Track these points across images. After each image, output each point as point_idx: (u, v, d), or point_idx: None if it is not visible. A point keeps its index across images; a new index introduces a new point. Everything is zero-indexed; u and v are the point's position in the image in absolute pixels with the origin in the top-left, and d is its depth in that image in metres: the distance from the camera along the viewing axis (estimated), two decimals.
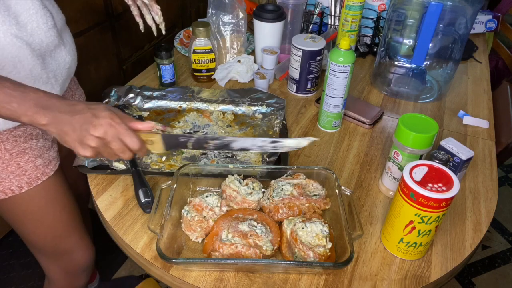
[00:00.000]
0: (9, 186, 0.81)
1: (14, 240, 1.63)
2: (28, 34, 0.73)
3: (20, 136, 0.80)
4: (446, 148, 0.81)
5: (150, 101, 1.04)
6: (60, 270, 1.03)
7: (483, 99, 1.17)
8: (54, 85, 0.81)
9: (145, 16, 0.98)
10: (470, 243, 0.75)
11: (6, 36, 0.69)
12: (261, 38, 1.19)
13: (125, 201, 0.79)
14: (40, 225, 0.90)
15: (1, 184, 0.81)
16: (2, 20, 0.68)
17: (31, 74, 0.75)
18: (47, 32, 0.76)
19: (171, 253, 0.68)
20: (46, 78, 0.78)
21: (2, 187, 0.81)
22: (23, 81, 0.72)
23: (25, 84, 0.60)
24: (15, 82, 0.60)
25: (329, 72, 0.92)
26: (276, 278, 0.67)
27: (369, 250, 0.73)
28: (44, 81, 0.78)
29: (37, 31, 0.74)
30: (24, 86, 0.60)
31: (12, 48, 0.70)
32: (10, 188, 0.82)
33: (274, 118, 1.01)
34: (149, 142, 0.67)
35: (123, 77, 1.65)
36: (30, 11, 0.73)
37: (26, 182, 0.83)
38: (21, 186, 0.82)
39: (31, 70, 0.74)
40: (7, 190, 0.82)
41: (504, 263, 1.70)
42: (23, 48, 0.72)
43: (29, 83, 0.73)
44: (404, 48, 1.15)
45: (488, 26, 1.55)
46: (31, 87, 0.60)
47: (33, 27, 0.74)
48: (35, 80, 0.76)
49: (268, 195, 0.76)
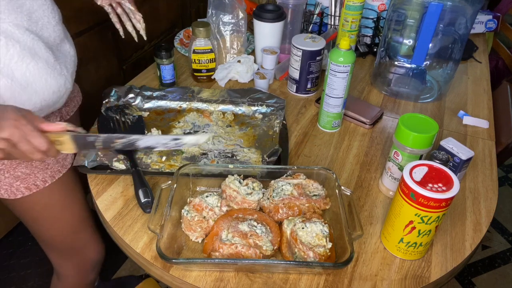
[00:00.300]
0: (34, 181, 0.83)
1: (14, 240, 1.64)
2: (39, 28, 0.76)
3: None
4: (446, 148, 0.81)
5: (150, 101, 1.04)
6: (72, 266, 1.04)
7: (483, 99, 1.17)
8: (67, 76, 0.83)
9: (125, 23, 1.01)
10: (470, 243, 0.75)
11: (20, 29, 0.71)
12: (261, 38, 1.19)
13: (125, 201, 0.79)
14: (58, 220, 0.92)
15: (26, 180, 0.82)
16: (14, 16, 0.70)
17: (47, 65, 0.76)
18: (55, 27, 0.79)
19: (171, 253, 0.68)
20: (60, 69, 0.80)
21: (27, 183, 0.82)
22: (42, 71, 0.75)
23: None
24: None
25: (329, 72, 0.92)
26: (276, 278, 0.67)
27: (369, 250, 0.73)
28: (59, 72, 0.80)
29: (47, 26, 0.77)
30: None
31: (27, 40, 0.72)
32: (35, 183, 0.83)
33: (274, 118, 1.01)
34: (57, 143, 0.66)
35: (123, 77, 1.65)
36: (43, 7, 0.76)
37: (50, 176, 0.85)
38: (45, 180, 0.85)
39: (47, 61, 0.76)
40: (32, 186, 0.83)
41: (504, 263, 1.70)
42: (36, 40, 0.74)
43: (46, 75, 0.76)
44: (404, 48, 1.15)
45: (488, 26, 1.55)
46: None
47: (44, 22, 0.76)
48: (52, 70, 0.77)
49: (268, 195, 0.76)
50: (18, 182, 0.82)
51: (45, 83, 0.76)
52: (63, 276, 1.07)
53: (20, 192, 0.83)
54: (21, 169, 0.82)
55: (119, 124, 0.95)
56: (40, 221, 0.92)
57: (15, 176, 0.82)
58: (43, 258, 1.55)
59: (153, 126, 0.96)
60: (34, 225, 0.93)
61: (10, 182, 0.82)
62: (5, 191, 0.83)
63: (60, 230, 0.94)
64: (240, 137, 0.96)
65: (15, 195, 0.83)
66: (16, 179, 0.82)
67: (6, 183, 0.82)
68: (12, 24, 0.70)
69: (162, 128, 0.97)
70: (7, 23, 0.69)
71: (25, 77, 0.73)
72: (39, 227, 0.93)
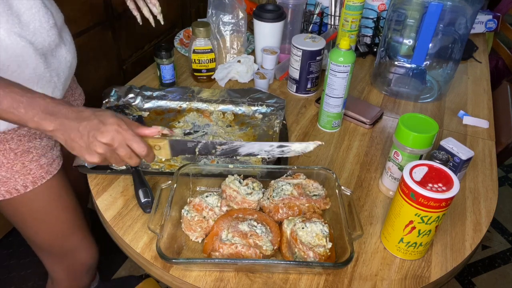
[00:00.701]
0: (14, 185, 0.82)
1: (14, 240, 1.63)
2: (31, 33, 0.73)
3: (25, 136, 0.80)
4: (446, 148, 0.81)
5: (150, 101, 1.04)
6: (64, 270, 1.03)
7: (483, 99, 1.17)
8: (57, 83, 0.81)
9: (142, 9, 0.98)
10: (470, 243, 0.75)
11: (10, 35, 0.69)
12: (261, 38, 1.19)
13: (125, 201, 0.79)
14: (44, 224, 0.91)
15: (6, 184, 0.81)
16: (5, 19, 0.68)
17: (35, 73, 0.75)
18: (49, 31, 0.76)
19: (171, 253, 0.68)
20: (49, 77, 0.78)
21: (8, 187, 0.81)
22: (27, 80, 0.73)
23: (33, 90, 0.61)
24: (24, 88, 0.60)
25: (329, 72, 0.92)
26: (276, 278, 0.67)
27: (369, 250, 0.73)
28: (47, 80, 0.78)
29: (40, 30, 0.74)
30: (32, 92, 0.60)
31: (16, 47, 0.71)
32: (15, 188, 0.82)
33: (274, 118, 1.01)
34: (156, 147, 0.67)
35: (123, 77, 1.65)
36: (32, 10, 0.73)
37: (31, 181, 0.83)
38: (26, 185, 0.83)
39: (35, 69, 0.74)
40: (12, 190, 0.82)
41: (504, 263, 1.70)
42: (27, 47, 0.72)
43: (33, 82, 0.74)
44: (404, 48, 1.15)
45: (488, 26, 1.55)
46: (39, 93, 0.60)
47: (35, 26, 0.74)
48: (39, 79, 0.76)
49: (268, 195, 0.76)
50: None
51: None
52: (56, 280, 1.06)
53: (1, 195, 0.82)
54: (1, 173, 0.79)
55: None
56: (27, 224, 0.90)
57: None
58: None
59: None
60: (23, 227, 0.92)
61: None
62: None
63: (48, 234, 0.93)
64: (240, 137, 0.96)
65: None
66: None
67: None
68: (3, 30, 0.68)
69: None
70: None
71: None
72: (27, 230, 0.92)
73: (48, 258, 1.02)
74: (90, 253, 1.03)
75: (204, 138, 0.94)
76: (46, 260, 1.02)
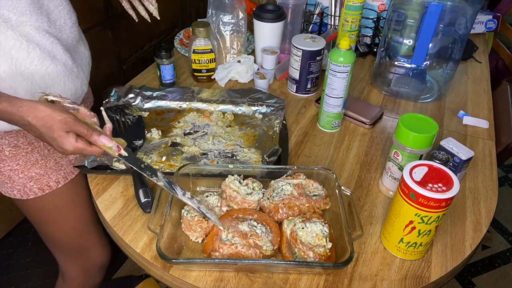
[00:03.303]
0: (47, 182, 0.84)
1: (14, 240, 1.63)
2: (57, 30, 0.76)
3: None
4: (446, 148, 0.81)
5: (150, 101, 1.04)
6: (78, 268, 1.04)
7: (483, 99, 1.17)
8: (83, 78, 0.83)
9: (138, 8, 0.99)
10: (470, 243, 0.75)
11: (40, 32, 0.72)
12: (261, 38, 1.19)
13: (125, 201, 0.79)
14: (66, 221, 0.92)
15: (39, 181, 0.83)
16: (36, 18, 0.71)
17: (65, 68, 0.77)
18: (71, 28, 0.79)
19: (171, 253, 0.68)
20: (77, 72, 0.81)
21: (40, 184, 0.83)
22: (60, 74, 0.76)
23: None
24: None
25: (329, 72, 0.92)
26: (276, 278, 0.67)
27: (369, 250, 0.73)
28: (76, 75, 0.80)
29: (64, 27, 0.77)
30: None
31: (47, 43, 0.73)
32: (48, 184, 0.84)
33: (274, 118, 1.01)
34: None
35: (123, 77, 1.65)
36: (59, 7, 0.76)
37: (63, 177, 0.86)
38: (58, 181, 0.85)
39: (65, 64, 0.77)
40: (45, 187, 0.84)
41: (504, 263, 1.70)
42: (55, 43, 0.74)
43: (65, 78, 0.77)
44: (404, 48, 1.15)
45: (488, 26, 1.55)
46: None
47: (61, 23, 0.77)
48: (69, 73, 0.78)
49: (268, 195, 0.76)
50: (31, 182, 0.82)
51: (63, 86, 0.77)
52: (68, 278, 1.06)
53: (33, 193, 0.83)
54: (35, 170, 0.82)
55: (119, 124, 0.95)
56: (49, 222, 0.92)
57: (29, 177, 0.82)
58: (43, 258, 1.55)
59: (153, 126, 0.96)
60: (43, 225, 0.93)
61: (23, 183, 0.82)
62: (18, 192, 0.83)
63: (68, 232, 0.94)
64: (240, 137, 0.96)
65: (27, 196, 0.83)
66: (30, 180, 0.82)
67: (20, 183, 0.82)
68: (33, 27, 0.70)
69: (162, 128, 0.97)
70: (29, 26, 0.70)
71: (44, 80, 0.73)
72: (47, 228, 0.94)
73: (63, 256, 1.02)
74: (105, 251, 1.04)
75: (204, 138, 0.94)
76: (61, 258, 1.03)
